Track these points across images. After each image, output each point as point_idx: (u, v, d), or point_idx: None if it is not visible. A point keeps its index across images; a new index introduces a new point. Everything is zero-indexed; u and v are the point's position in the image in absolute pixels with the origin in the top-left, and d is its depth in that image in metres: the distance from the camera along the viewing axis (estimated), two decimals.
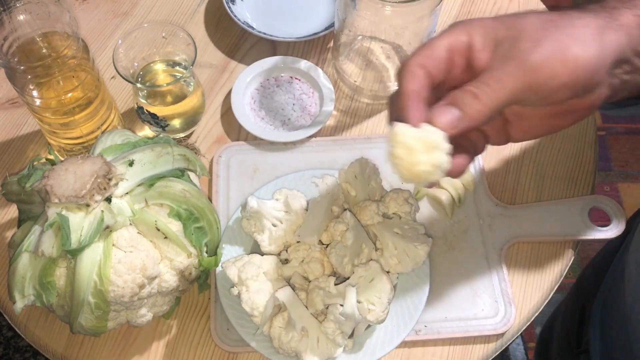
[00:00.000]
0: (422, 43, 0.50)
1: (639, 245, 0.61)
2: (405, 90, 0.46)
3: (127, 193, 0.57)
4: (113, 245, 0.55)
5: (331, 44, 0.88)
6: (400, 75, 0.47)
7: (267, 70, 0.83)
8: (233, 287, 0.62)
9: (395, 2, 0.68)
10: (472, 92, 0.45)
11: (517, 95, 0.45)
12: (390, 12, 0.69)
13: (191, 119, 0.78)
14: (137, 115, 0.76)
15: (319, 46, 0.88)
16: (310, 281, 0.63)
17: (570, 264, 0.72)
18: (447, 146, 0.45)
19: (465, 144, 0.49)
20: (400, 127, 0.45)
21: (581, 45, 0.44)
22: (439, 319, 0.67)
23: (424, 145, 0.44)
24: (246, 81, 0.82)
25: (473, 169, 0.76)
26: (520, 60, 0.44)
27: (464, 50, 0.47)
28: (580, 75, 0.44)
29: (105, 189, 0.55)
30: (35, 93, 0.66)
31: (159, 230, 0.57)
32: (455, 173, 0.48)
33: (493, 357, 0.67)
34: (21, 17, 0.63)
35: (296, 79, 0.83)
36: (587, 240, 0.72)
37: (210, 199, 0.72)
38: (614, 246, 0.77)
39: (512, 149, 0.79)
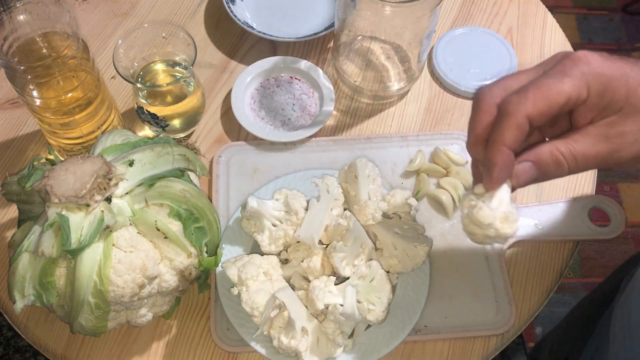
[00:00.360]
0: (505, 75, 0.48)
1: (624, 307, 0.59)
2: (501, 144, 0.45)
3: (127, 193, 0.57)
4: (113, 245, 0.55)
5: (331, 44, 0.88)
6: (506, 117, 0.45)
7: (267, 70, 0.83)
8: (233, 287, 0.62)
9: (395, 2, 0.68)
10: (558, 161, 0.46)
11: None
12: (390, 12, 0.69)
13: (191, 119, 0.78)
14: (137, 115, 0.76)
15: (319, 46, 0.88)
16: (310, 281, 0.63)
17: (570, 264, 0.72)
18: (517, 217, 0.49)
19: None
20: (476, 208, 0.49)
21: None
22: (439, 319, 0.67)
23: (497, 220, 0.48)
24: (246, 81, 0.82)
25: None
26: (614, 151, 0.45)
27: (576, 104, 0.46)
28: None
29: (105, 189, 0.55)
30: (35, 93, 0.66)
31: (159, 230, 0.57)
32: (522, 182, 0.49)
33: (493, 357, 0.67)
34: (21, 17, 0.63)
35: (296, 79, 0.83)
36: (587, 240, 0.72)
37: (210, 199, 0.72)
38: (603, 294, 0.77)
39: None
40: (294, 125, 0.80)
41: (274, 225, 0.65)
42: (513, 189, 0.49)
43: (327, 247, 0.65)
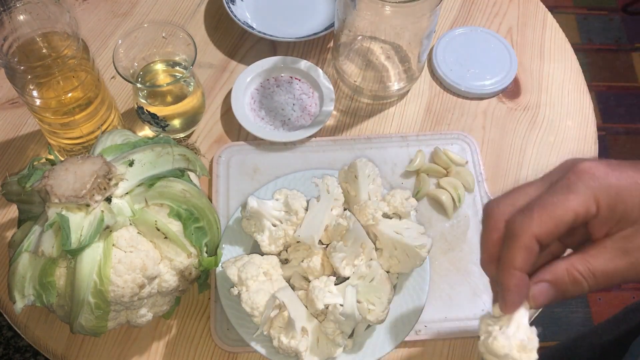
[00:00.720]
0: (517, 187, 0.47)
1: None
2: (512, 267, 0.43)
3: (127, 193, 0.57)
4: (113, 245, 0.55)
5: (331, 44, 0.88)
6: (513, 239, 0.44)
7: (267, 70, 0.83)
8: (233, 287, 0.62)
9: (395, 2, 0.68)
10: (576, 279, 0.44)
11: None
12: (390, 12, 0.69)
13: (191, 119, 0.78)
14: (137, 115, 0.76)
15: (319, 46, 0.88)
16: (310, 281, 0.63)
17: None
18: (537, 343, 0.46)
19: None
20: (495, 340, 0.45)
21: None
22: (439, 319, 0.67)
23: (514, 350, 0.45)
24: (246, 81, 0.82)
25: (473, 169, 0.76)
26: (635, 265, 0.43)
27: (586, 219, 0.43)
28: None
29: (105, 189, 0.55)
30: (35, 93, 0.66)
31: (159, 230, 0.57)
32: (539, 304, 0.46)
33: None
34: (21, 17, 0.63)
35: (296, 79, 0.83)
36: None
37: (210, 199, 0.72)
38: (610, 344, 0.76)
39: (512, 149, 0.79)
40: (294, 125, 0.80)
41: (274, 225, 0.65)
42: (532, 308, 0.46)
43: (327, 247, 0.65)
